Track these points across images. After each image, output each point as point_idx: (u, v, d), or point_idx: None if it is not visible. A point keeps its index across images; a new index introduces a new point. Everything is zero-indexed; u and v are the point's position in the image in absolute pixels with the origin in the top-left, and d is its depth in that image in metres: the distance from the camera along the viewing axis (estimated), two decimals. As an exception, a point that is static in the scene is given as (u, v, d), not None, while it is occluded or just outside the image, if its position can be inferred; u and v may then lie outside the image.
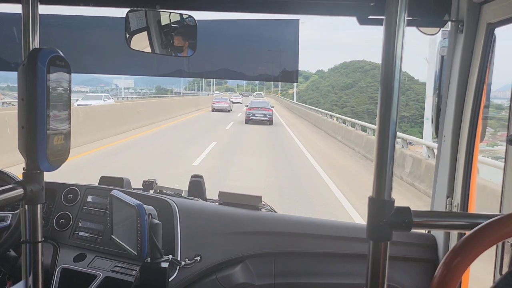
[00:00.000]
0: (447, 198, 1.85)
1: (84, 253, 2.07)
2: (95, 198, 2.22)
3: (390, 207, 0.93)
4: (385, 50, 0.92)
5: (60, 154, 1.32)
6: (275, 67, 2.20)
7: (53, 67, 1.25)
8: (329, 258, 2.10)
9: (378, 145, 0.93)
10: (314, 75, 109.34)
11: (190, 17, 1.87)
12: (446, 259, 0.81)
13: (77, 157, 12.04)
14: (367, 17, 1.80)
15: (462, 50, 1.72)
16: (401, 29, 0.91)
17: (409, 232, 0.96)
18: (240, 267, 2.02)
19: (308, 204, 8.63)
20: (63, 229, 2.17)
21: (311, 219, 2.27)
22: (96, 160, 12.61)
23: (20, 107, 1.24)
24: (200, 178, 2.46)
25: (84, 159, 12.33)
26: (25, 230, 1.33)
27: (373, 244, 0.94)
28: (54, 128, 1.28)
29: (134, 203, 1.66)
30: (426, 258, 2.01)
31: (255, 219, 2.15)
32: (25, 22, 1.33)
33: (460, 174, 1.80)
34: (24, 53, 1.33)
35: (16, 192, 1.25)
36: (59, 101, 1.30)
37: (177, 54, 1.92)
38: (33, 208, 1.32)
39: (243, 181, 10.43)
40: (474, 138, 1.75)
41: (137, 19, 1.88)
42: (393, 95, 0.92)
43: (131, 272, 1.91)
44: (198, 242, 1.98)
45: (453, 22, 1.75)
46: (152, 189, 2.40)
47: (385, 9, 0.92)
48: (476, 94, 1.71)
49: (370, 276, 0.95)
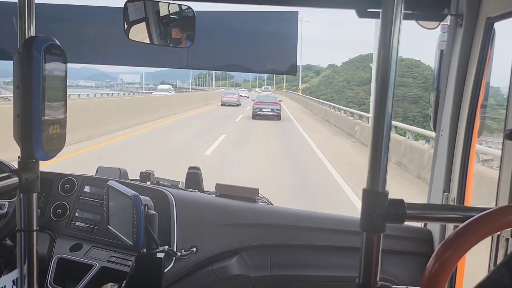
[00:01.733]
0: (444, 192, 1.85)
1: (81, 243, 2.08)
2: (92, 189, 2.23)
3: (384, 199, 0.93)
4: (381, 43, 0.92)
5: (56, 143, 1.31)
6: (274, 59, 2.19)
7: (48, 55, 1.25)
8: (324, 251, 2.10)
9: (373, 137, 0.93)
10: (325, 69, 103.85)
11: (189, 8, 1.86)
12: (438, 251, 0.81)
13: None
14: (365, 10, 1.79)
15: (461, 45, 1.72)
16: (398, 21, 0.91)
17: (402, 224, 0.96)
18: (236, 258, 2.02)
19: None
20: (59, 219, 2.18)
21: (307, 212, 2.28)
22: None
23: (15, 95, 1.24)
24: (197, 170, 2.46)
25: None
26: (20, 218, 1.33)
27: (366, 236, 0.94)
28: (50, 117, 1.27)
29: (130, 194, 1.66)
30: (421, 252, 2.01)
31: (251, 211, 2.15)
32: (21, 10, 1.32)
33: (457, 169, 1.80)
34: (19, 41, 1.33)
35: (11, 180, 1.25)
36: (55, 89, 1.29)
37: (175, 45, 1.92)
38: (28, 197, 1.32)
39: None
40: (471, 132, 1.75)
41: (136, 9, 1.87)
42: (388, 88, 0.92)
43: (127, 263, 1.92)
44: (194, 233, 1.99)
45: (453, 16, 1.74)
46: (149, 180, 2.40)
47: (382, 1, 0.91)
48: (474, 89, 1.71)
49: (363, 267, 0.95)
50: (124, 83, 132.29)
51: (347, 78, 73.36)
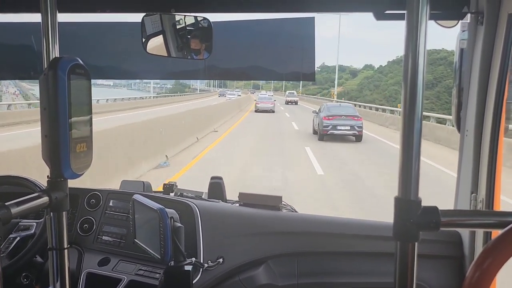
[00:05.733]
0: (472, 193, 1.81)
1: (108, 257, 2.10)
2: (117, 203, 2.24)
3: (417, 207, 0.91)
4: (407, 46, 0.90)
5: (83, 162, 1.33)
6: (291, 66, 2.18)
7: (73, 75, 1.27)
8: (352, 257, 2.08)
9: (403, 143, 0.92)
10: (362, 70, 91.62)
11: (205, 19, 1.87)
12: (478, 259, 0.79)
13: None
14: (383, 12, 1.78)
15: (483, 43, 1.69)
16: (424, 23, 0.90)
17: (437, 231, 0.95)
18: (263, 268, 2.01)
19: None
20: (87, 234, 2.20)
21: (332, 218, 2.26)
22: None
23: (42, 116, 1.26)
24: (220, 180, 2.46)
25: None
26: (51, 237, 1.35)
27: (400, 245, 0.92)
28: (77, 135, 1.29)
29: (156, 207, 1.67)
30: (451, 255, 1.97)
31: (276, 219, 2.14)
32: (45, 31, 1.35)
33: (484, 169, 1.76)
34: (44, 62, 1.35)
35: (42, 200, 1.26)
36: (80, 108, 1.31)
37: (193, 56, 1.93)
38: (58, 216, 1.34)
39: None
40: (498, 132, 1.72)
41: (153, 23, 1.89)
42: (417, 92, 0.90)
43: (155, 275, 1.93)
44: (220, 244, 1.99)
45: (473, 14, 1.71)
46: (172, 191, 2.41)
47: (406, 3, 0.90)
48: (499, 87, 1.67)
49: (398, 277, 0.93)
50: (143, 82, 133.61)
51: (399, 80, 59.14)
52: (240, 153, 14.92)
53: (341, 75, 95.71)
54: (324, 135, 18.48)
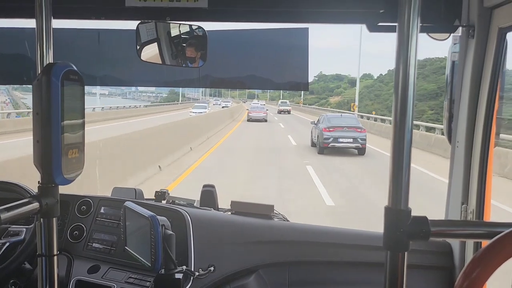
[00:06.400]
0: (462, 204, 1.83)
1: (98, 264, 2.08)
2: (108, 210, 2.23)
3: (407, 216, 0.92)
4: (398, 57, 0.92)
5: (75, 168, 1.32)
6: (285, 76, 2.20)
7: (67, 81, 1.26)
8: (343, 267, 2.08)
9: (393, 153, 0.93)
10: (361, 79, 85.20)
11: (200, 28, 1.88)
12: (466, 269, 0.80)
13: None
14: (376, 24, 1.80)
15: (474, 55, 1.71)
16: (415, 35, 0.91)
17: (427, 241, 0.95)
18: (254, 277, 2.00)
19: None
20: (77, 240, 2.18)
21: (323, 228, 2.26)
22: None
23: (34, 121, 1.26)
24: (212, 188, 2.46)
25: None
26: (41, 243, 1.33)
27: (391, 255, 0.93)
28: (69, 141, 1.29)
29: (148, 215, 1.66)
30: (442, 265, 1.98)
31: (267, 228, 2.14)
32: (39, 36, 1.35)
33: (474, 180, 1.78)
34: (38, 68, 1.35)
35: (32, 206, 1.25)
36: (73, 114, 1.31)
37: (188, 64, 1.93)
38: (49, 222, 1.33)
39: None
40: (488, 143, 1.74)
41: (148, 31, 1.90)
42: (407, 103, 0.91)
43: (145, 284, 1.91)
44: (211, 252, 1.98)
45: (464, 27, 1.74)
46: (164, 199, 2.40)
47: (398, 16, 0.92)
48: (489, 99, 1.70)
49: (388, 286, 0.93)
50: (138, 91, 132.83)
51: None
52: (226, 184, 9.53)
53: (339, 84, 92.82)
54: (324, 148, 17.00)
